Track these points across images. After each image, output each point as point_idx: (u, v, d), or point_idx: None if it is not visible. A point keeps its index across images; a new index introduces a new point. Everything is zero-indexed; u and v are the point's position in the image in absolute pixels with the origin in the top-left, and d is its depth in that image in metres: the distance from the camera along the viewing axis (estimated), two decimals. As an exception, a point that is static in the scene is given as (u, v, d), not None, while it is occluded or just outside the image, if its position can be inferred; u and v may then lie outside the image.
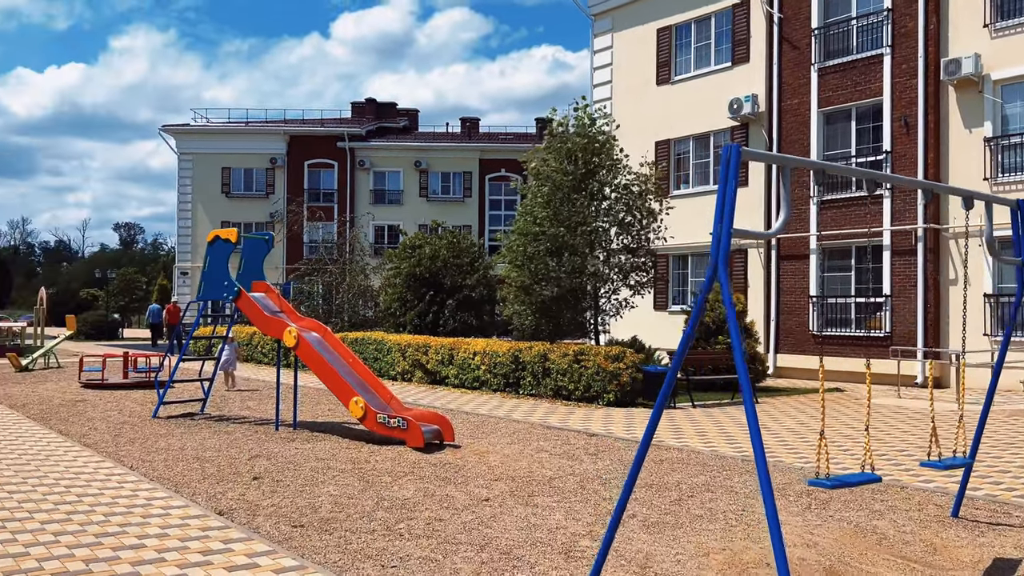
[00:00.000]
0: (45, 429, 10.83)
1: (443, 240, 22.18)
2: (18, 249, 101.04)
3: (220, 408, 13.46)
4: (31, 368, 20.66)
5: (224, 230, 12.05)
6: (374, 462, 8.83)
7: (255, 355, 23.92)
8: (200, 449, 9.56)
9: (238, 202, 44.18)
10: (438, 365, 17.36)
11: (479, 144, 46.23)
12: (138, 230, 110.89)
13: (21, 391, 15.54)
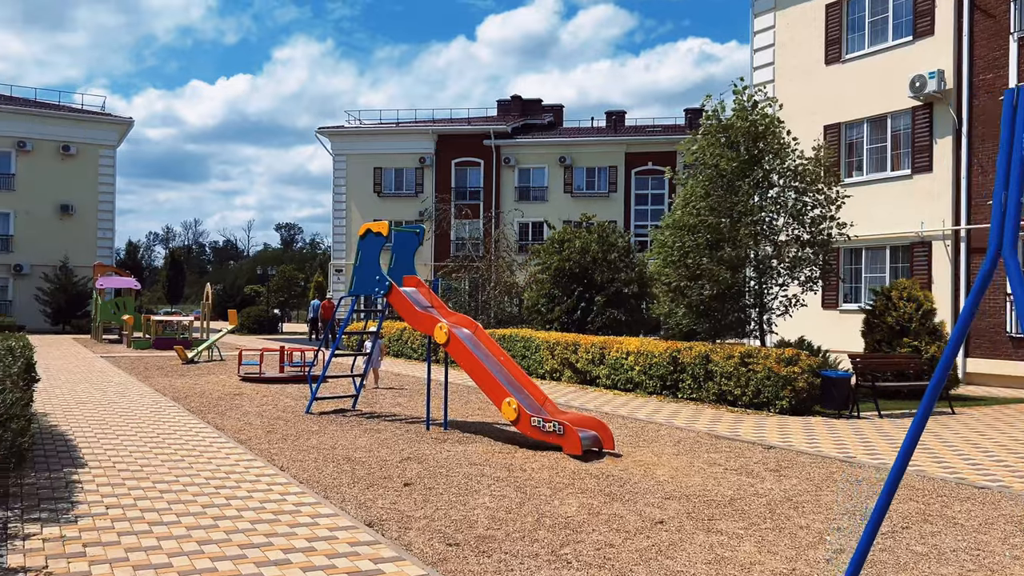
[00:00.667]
0: (202, 423, 10.86)
1: (592, 234, 21.35)
2: (191, 248, 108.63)
3: (371, 404, 13.24)
4: (196, 360, 21.54)
5: (375, 223, 11.74)
6: (530, 470, 8.13)
7: (404, 351, 24.00)
8: (350, 449, 9.21)
9: (389, 201, 45.09)
10: (588, 365, 16.56)
11: (625, 138, 45.03)
12: (297, 230, 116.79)
13: (184, 384, 16.03)
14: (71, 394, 13.82)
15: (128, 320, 28.45)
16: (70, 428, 10.04)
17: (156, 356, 23.43)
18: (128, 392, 14.30)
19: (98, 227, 42.70)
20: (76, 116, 42.76)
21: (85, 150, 42.30)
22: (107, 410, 11.87)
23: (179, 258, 78.54)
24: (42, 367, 18.65)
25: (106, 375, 17.46)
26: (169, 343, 26.27)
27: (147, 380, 16.56)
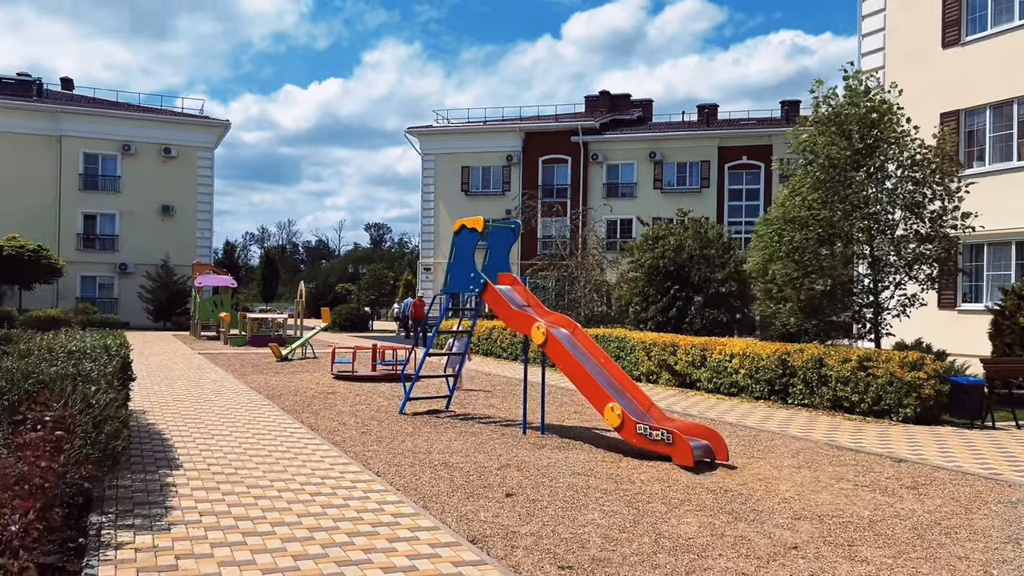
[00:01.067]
0: (296, 423, 10.68)
1: (689, 230, 20.51)
2: (285, 248, 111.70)
3: (464, 406, 12.87)
4: (290, 358, 21.72)
5: (470, 219, 11.35)
6: (639, 483, 7.55)
7: (494, 349, 23.67)
8: (447, 453, 8.82)
9: (476, 199, 44.98)
10: (688, 367, 15.80)
11: (718, 132, 43.66)
12: (386, 229, 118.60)
13: (278, 381, 16.04)
14: (169, 391, 13.96)
15: (225, 317, 29.10)
16: (167, 427, 10.00)
17: (252, 353, 23.78)
18: (224, 390, 14.36)
19: (197, 227, 44.07)
20: (176, 119, 44.25)
21: (185, 152, 43.72)
22: (203, 408, 11.87)
23: (273, 257, 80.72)
24: (143, 364, 19.11)
25: (203, 372, 17.69)
26: (264, 340, 26.69)
27: (243, 377, 16.67)
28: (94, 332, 8.58)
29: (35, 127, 40.72)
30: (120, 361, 6.73)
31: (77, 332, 8.53)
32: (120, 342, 7.90)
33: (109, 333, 8.46)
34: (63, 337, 7.74)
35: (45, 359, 6.04)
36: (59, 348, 6.31)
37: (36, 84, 43.06)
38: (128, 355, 7.75)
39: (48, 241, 38.55)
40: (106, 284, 42.11)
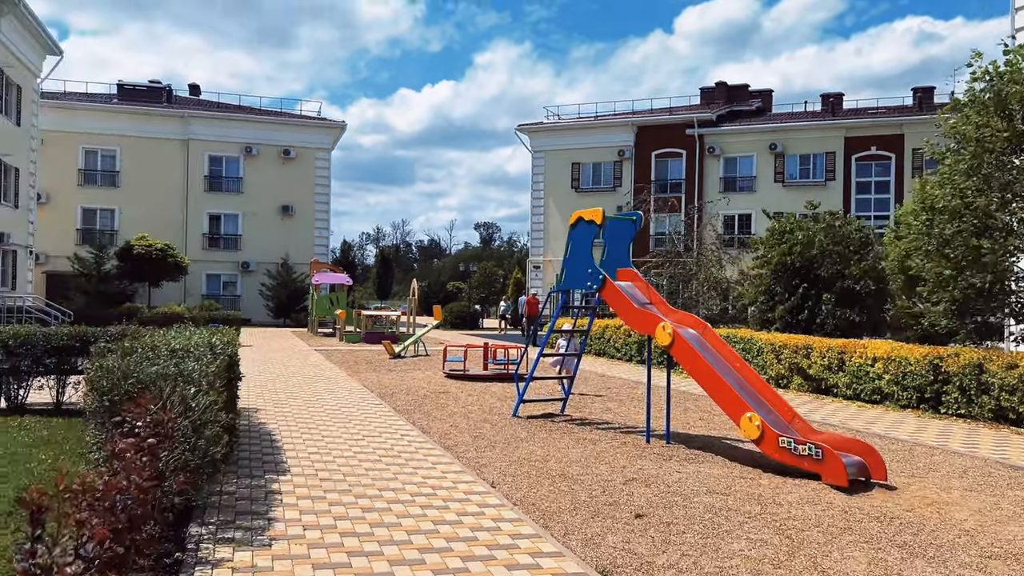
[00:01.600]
0: (408, 425, 10.26)
1: (820, 224, 19.08)
2: (399, 247, 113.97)
3: (579, 409, 12.17)
4: (402, 355, 21.59)
5: (588, 210, 10.63)
6: (787, 505, 6.65)
7: (607, 349, 22.84)
8: (565, 462, 8.15)
9: (587, 196, 44.15)
10: (823, 371, 14.55)
11: (844, 121, 41.19)
12: (495, 229, 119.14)
13: (391, 380, 15.80)
14: (283, 388, 13.88)
15: (341, 315, 29.45)
16: (277, 426, 9.76)
17: (366, 350, 23.85)
18: (337, 387, 14.18)
19: (315, 226, 45.15)
20: (296, 122, 45.46)
21: (303, 153, 44.85)
22: (316, 406, 11.65)
23: (388, 256, 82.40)
24: (261, 359, 19.35)
25: (318, 369, 17.70)
26: (378, 337, 26.79)
27: (356, 375, 16.53)
28: (203, 329, 8.38)
29: (165, 131, 42.68)
30: (225, 360, 6.40)
31: (188, 329, 8.35)
32: (228, 340, 7.64)
33: (217, 330, 8.24)
34: (170, 334, 7.54)
35: (147, 358, 5.75)
36: (163, 346, 6.04)
37: (166, 91, 45.13)
38: (235, 353, 7.48)
39: (176, 240, 40.33)
40: (229, 282, 43.71)
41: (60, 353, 9.98)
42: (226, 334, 8.22)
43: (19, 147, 30.41)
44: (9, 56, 28.62)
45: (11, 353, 10.05)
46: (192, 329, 8.33)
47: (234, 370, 7.04)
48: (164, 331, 8.16)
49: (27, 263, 31.90)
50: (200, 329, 8.40)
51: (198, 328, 9.02)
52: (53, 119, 40.08)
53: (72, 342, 10.08)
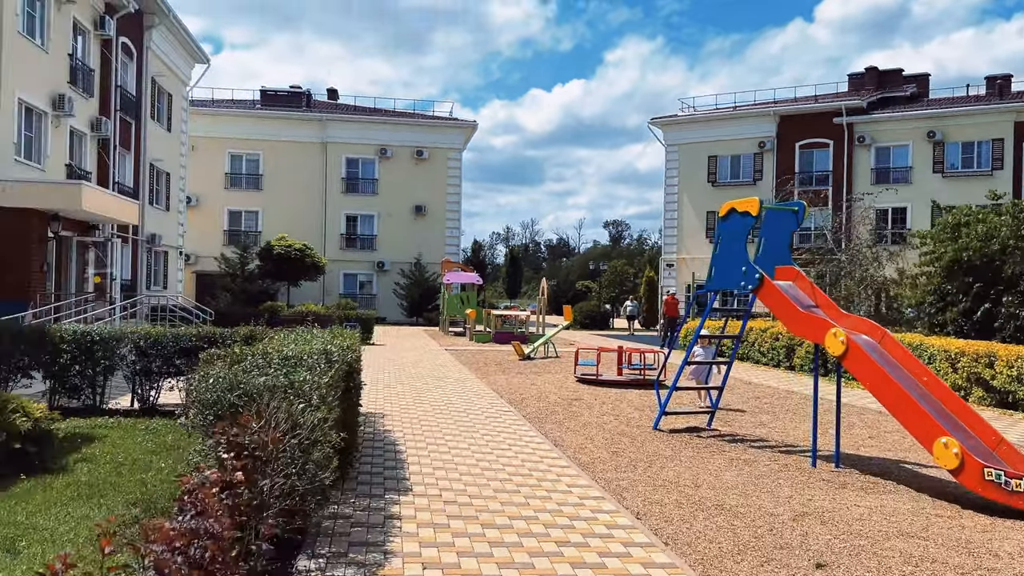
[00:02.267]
0: (539, 436, 9.47)
1: (1004, 216, 16.91)
2: (528, 247, 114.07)
3: (727, 423, 11.02)
4: (532, 357, 20.92)
5: (742, 200, 9.50)
6: (1006, 557, 5.38)
7: (751, 354, 21.30)
8: (719, 489, 7.12)
9: (724, 191, 42.17)
10: (1010, 383, 12.71)
11: (1014, 104, 37.29)
12: (625, 227, 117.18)
13: (520, 383, 15.10)
14: (411, 391, 13.44)
15: (471, 314, 29.18)
16: (402, 434, 9.20)
17: (495, 350, 23.35)
18: (466, 391, 13.61)
19: (446, 225, 45.38)
20: (428, 123, 45.86)
21: (436, 154, 45.16)
22: (443, 412, 11.06)
23: (517, 255, 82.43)
24: (392, 359, 19.16)
25: (447, 369, 17.26)
26: (507, 337, 26.28)
27: (485, 377, 15.96)
28: (326, 332, 7.90)
29: (304, 135, 44.02)
30: (342, 369, 5.81)
31: (310, 331, 7.89)
32: (348, 344, 7.08)
33: (340, 333, 7.73)
34: (290, 337, 7.07)
35: (257, 366, 5.21)
36: (275, 353, 5.51)
37: (306, 96, 46.55)
38: (356, 358, 6.92)
39: (315, 241, 41.45)
40: (365, 281, 44.60)
41: (189, 354, 9.83)
42: (347, 337, 7.70)
43: (170, 152, 31.92)
44: (161, 65, 30.02)
45: (143, 354, 10.00)
46: (314, 332, 7.86)
47: (353, 379, 6.47)
48: (284, 334, 7.73)
49: (177, 263, 33.49)
50: (323, 332, 7.92)
51: (322, 330, 8.57)
52: (203, 126, 42.12)
53: (200, 343, 9.93)
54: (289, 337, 7.28)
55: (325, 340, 6.72)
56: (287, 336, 7.37)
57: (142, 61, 28.30)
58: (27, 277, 16.33)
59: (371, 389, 13.28)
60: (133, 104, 27.52)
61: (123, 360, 10.02)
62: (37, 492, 6.00)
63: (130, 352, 10.02)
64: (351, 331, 8.85)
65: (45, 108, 20.82)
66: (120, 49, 26.15)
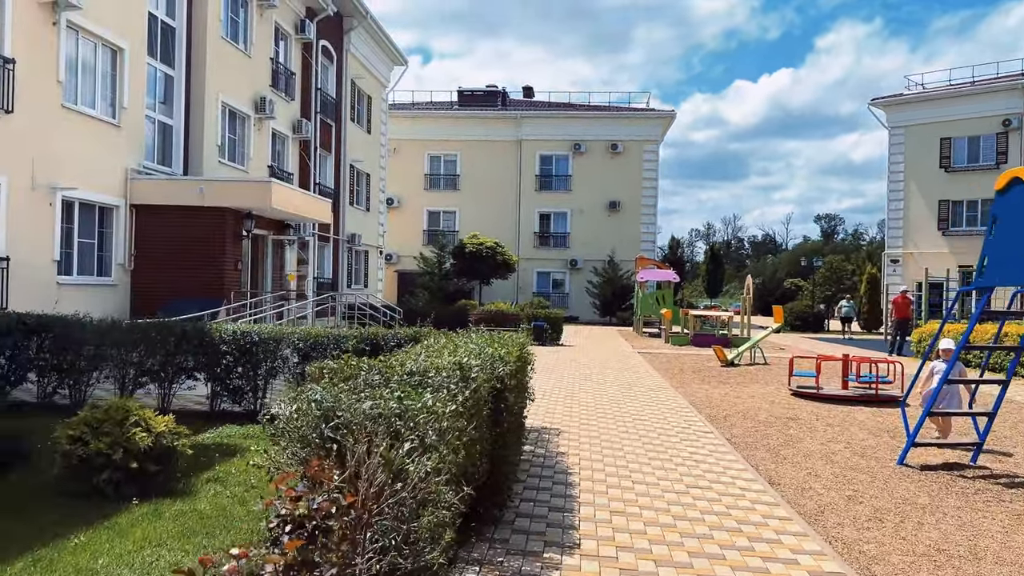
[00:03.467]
0: (747, 470, 7.64)
1: None
2: (730, 243, 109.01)
3: (999, 459, 8.55)
4: (736, 363, 18.74)
5: (1028, 168, 7.15)
6: None
7: (1005, 363, 17.77)
8: (1009, 565, 5.04)
9: (960, 176, 37.11)
10: None
11: None
12: (838, 221, 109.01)
13: (723, 396, 13.15)
14: (596, 401, 11.94)
15: (666, 314, 27.23)
16: (577, 459, 7.73)
17: (693, 354, 21.34)
18: (658, 402, 11.92)
19: (641, 221, 43.47)
20: (623, 115, 44.12)
21: (631, 147, 43.37)
22: (630, 430, 9.49)
23: (718, 252, 78.44)
24: (579, 361, 17.78)
25: (639, 375, 15.62)
26: (707, 340, 24.11)
27: (681, 386, 14.16)
28: (484, 336, 6.60)
29: (499, 133, 43.83)
30: (486, 390, 4.43)
31: (467, 335, 6.64)
32: (505, 351, 5.71)
33: (497, 339, 6.39)
34: (440, 342, 5.84)
35: (372, 384, 3.96)
36: (398, 367, 4.25)
37: (501, 94, 46.41)
38: (514, 372, 5.51)
39: (509, 239, 41.10)
40: (558, 279, 43.71)
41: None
42: (508, 343, 6.34)
43: (370, 154, 32.55)
44: (360, 68, 30.59)
45: (304, 356, 9.26)
46: (472, 335, 6.60)
47: (505, 399, 5.06)
48: (436, 338, 6.55)
49: (378, 262, 34.18)
50: (480, 335, 6.63)
51: (485, 333, 7.31)
52: (404, 128, 43.08)
53: (362, 345, 9.03)
54: (439, 342, 6.06)
55: (476, 346, 5.42)
56: (436, 341, 6.16)
57: (342, 64, 28.91)
58: (222, 275, 16.62)
59: (550, 398, 11.95)
60: (333, 106, 28.15)
61: (285, 362, 9.35)
62: (142, 524, 5.14)
63: (292, 354, 9.33)
64: (518, 334, 7.50)
65: (248, 111, 21.43)
66: (320, 52, 26.77)
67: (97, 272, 15.75)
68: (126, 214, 16.33)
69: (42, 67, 13.65)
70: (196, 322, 9.83)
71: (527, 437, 8.46)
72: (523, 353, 6.68)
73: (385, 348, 8.78)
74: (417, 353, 5.13)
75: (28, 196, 13.41)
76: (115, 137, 15.95)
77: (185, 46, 18.79)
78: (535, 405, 10.04)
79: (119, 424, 5.70)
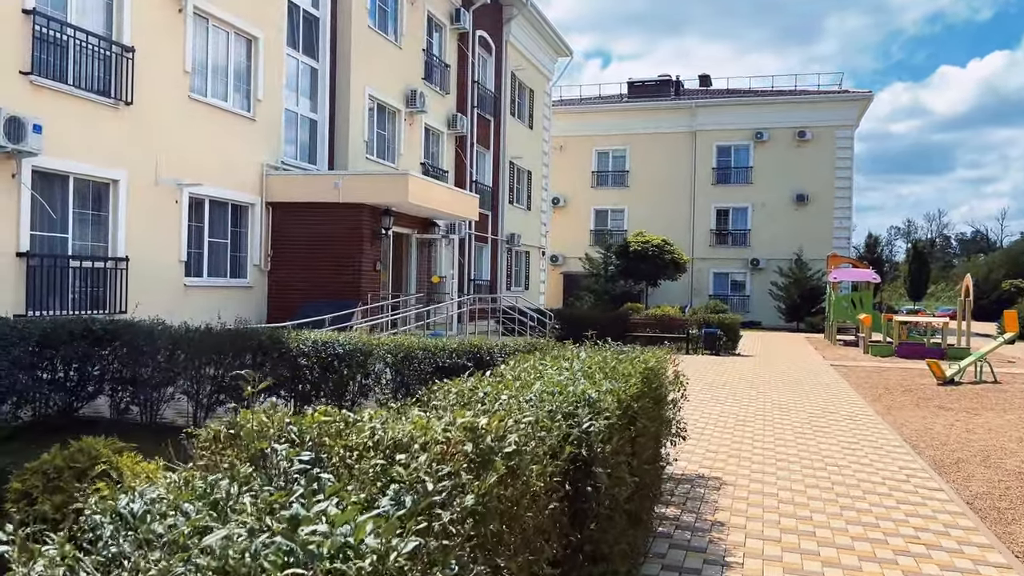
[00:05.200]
0: (997, 552, 5.01)
1: None
2: (934, 241, 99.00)
3: None
4: (957, 381, 15.26)
5: None
6: None
7: None
8: None
9: None
10: None
11: None
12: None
13: (947, 427, 10.16)
14: (776, 432, 9.41)
15: (864, 320, 23.55)
16: (742, 539, 5.42)
17: (899, 368, 17.89)
18: (859, 437, 9.21)
19: (833, 215, 39.09)
20: (812, 98, 39.84)
21: (820, 133, 39.14)
22: (820, 486, 6.98)
23: (922, 250, 70.60)
24: (759, 377, 15.03)
25: (832, 396, 12.78)
26: (916, 351, 20.42)
27: (888, 413, 11.25)
28: (607, 355, 4.52)
29: (672, 125, 40.98)
30: (539, 473, 2.37)
31: (577, 353, 4.60)
32: (605, 390, 3.59)
33: (626, 358, 4.25)
34: (545, 363, 3.85)
35: (281, 474, 2.04)
36: (354, 434, 2.30)
37: (674, 84, 43.54)
38: (599, 433, 3.42)
39: (683, 238, 38.26)
40: (737, 280, 40.23)
41: (448, 372, 7.16)
42: (632, 366, 4.21)
43: (531, 150, 30.97)
44: (520, 59, 29.07)
45: (397, 371, 7.54)
46: (585, 354, 4.56)
47: (594, 478, 2.97)
48: (535, 358, 4.57)
49: (539, 264, 32.54)
50: (609, 354, 4.56)
51: (618, 349, 5.22)
52: (570, 125, 41.33)
53: (461, 359, 7.19)
54: (521, 364, 4.07)
55: (571, 374, 3.38)
56: (519, 363, 4.17)
57: (501, 55, 27.49)
58: (359, 276, 15.45)
59: (713, 429, 9.55)
60: (491, 100, 26.77)
61: (378, 378, 7.68)
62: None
63: (386, 368, 7.64)
64: (661, 351, 5.32)
65: (397, 105, 20.38)
66: (477, 43, 25.44)
67: (230, 274, 15.02)
68: (262, 212, 15.53)
69: (167, 56, 12.96)
70: (275, 331, 8.36)
71: (672, 494, 6.23)
72: (655, 386, 4.49)
73: (492, 362, 6.87)
74: (467, 390, 3.13)
75: (151, 193, 12.73)
76: (249, 131, 15.18)
77: (330, 37, 17.89)
78: (692, 439, 7.78)
79: (80, 475, 4.13)
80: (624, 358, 4.65)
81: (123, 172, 12.15)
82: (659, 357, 5.38)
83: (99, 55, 11.72)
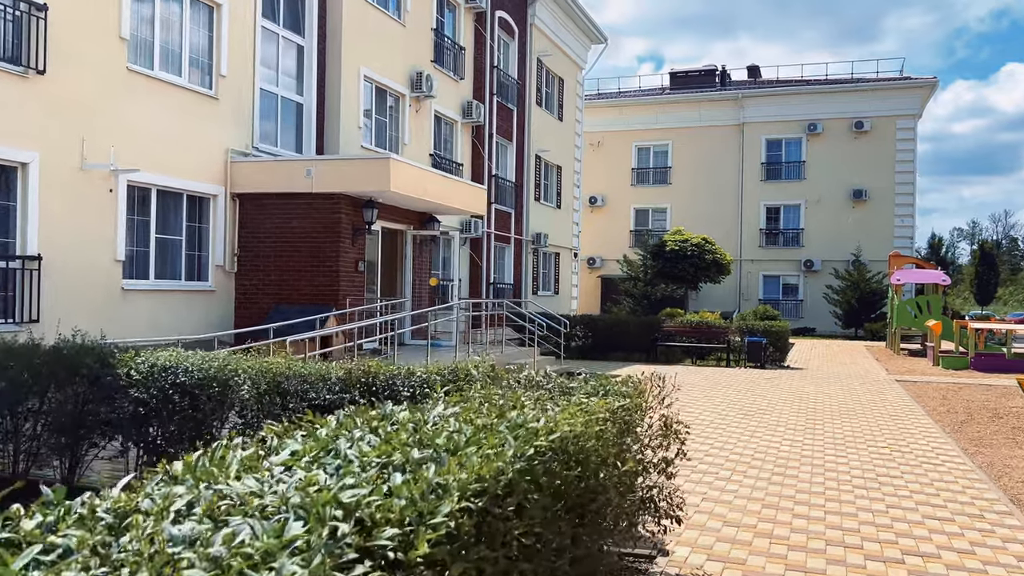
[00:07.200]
0: None
1: None
2: (1000, 243, 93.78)
3: None
4: (1056, 403, 12.48)
5: None
6: None
7: None
8: None
9: None
10: None
11: None
12: None
13: (1065, 475, 7.57)
14: (824, 483, 6.94)
15: (934, 327, 20.64)
16: None
17: (978, 384, 15.11)
18: (942, 488, 6.70)
19: (895, 212, 35.87)
20: (870, 87, 36.64)
21: (879, 125, 35.98)
22: (892, 564, 4.57)
23: (989, 251, 66.11)
24: (806, 396, 12.39)
25: (899, 422, 10.20)
26: (999, 364, 17.54)
27: (976, 449, 8.68)
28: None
29: (717, 118, 38.21)
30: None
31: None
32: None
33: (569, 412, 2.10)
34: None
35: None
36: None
37: (720, 74, 40.75)
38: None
39: (729, 238, 35.55)
40: (790, 284, 37.24)
41: (326, 410, 4.97)
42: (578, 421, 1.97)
43: (561, 143, 28.66)
44: (547, 44, 26.80)
45: (260, 407, 5.31)
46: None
47: None
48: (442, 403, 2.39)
49: (571, 266, 30.18)
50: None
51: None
52: (608, 120, 38.93)
53: (347, 391, 4.94)
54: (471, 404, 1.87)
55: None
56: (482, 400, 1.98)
57: (525, 39, 25.26)
58: (336, 277, 13.36)
59: (740, 479, 7.06)
60: (514, 88, 24.54)
61: (226, 416, 5.46)
62: None
63: (245, 400, 5.41)
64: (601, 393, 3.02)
65: (401, 89, 18.29)
66: (497, 24, 23.25)
67: (187, 276, 13.02)
68: (226, 205, 13.54)
69: (94, 19, 11.02)
70: (106, 351, 6.12)
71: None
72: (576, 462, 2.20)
73: (393, 396, 4.62)
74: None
75: (75, 179, 10.79)
76: (210, 112, 13.20)
77: (318, 10, 15.88)
78: (710, 499, 5.41)
79: None
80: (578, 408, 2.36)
81: (34, 154, 10.20)
82: (631, 401, 3.06)
83: (2, 14, 9.83)
